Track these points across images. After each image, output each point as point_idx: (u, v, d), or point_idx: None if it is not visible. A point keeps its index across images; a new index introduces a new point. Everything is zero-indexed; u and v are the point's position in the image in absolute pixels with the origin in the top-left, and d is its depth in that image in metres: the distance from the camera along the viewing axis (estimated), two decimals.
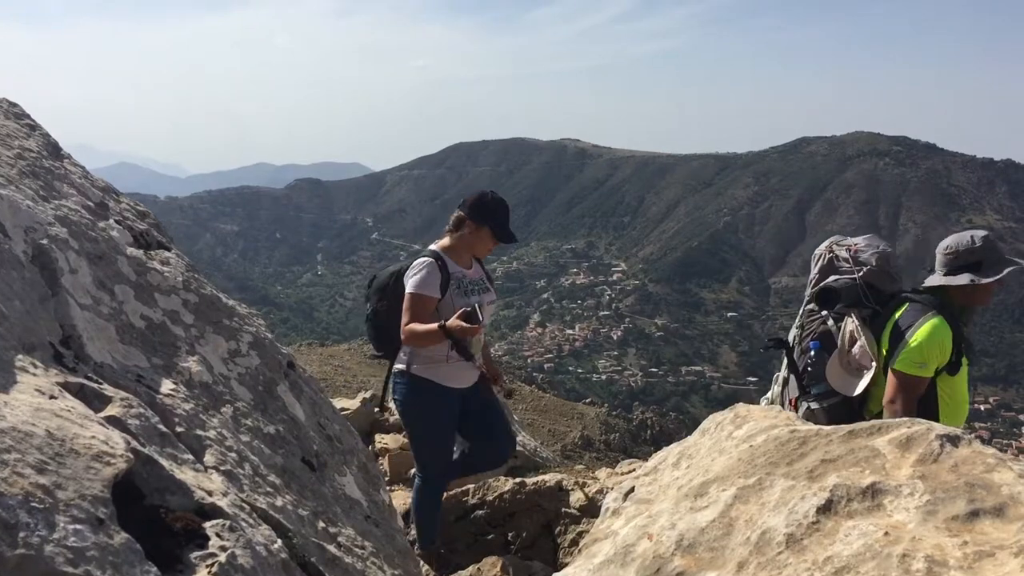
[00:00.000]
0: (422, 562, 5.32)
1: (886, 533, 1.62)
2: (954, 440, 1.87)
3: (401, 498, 7.34)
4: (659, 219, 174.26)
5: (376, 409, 9.45)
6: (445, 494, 7.14)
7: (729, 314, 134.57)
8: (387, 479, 7.73)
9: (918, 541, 1.57)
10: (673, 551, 1.90)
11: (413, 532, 5.23)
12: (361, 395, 10.17)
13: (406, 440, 8.78)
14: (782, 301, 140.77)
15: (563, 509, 6.78)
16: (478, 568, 6.39)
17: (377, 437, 8.76)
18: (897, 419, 2.03)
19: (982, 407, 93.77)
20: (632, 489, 2.59)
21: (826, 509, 1.75)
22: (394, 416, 9.79)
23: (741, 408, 2.67)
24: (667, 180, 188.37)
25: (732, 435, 2.48)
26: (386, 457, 8.03)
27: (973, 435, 1.94)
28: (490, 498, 6.90)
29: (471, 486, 7.04)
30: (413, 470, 6.92)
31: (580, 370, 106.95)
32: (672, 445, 2.75)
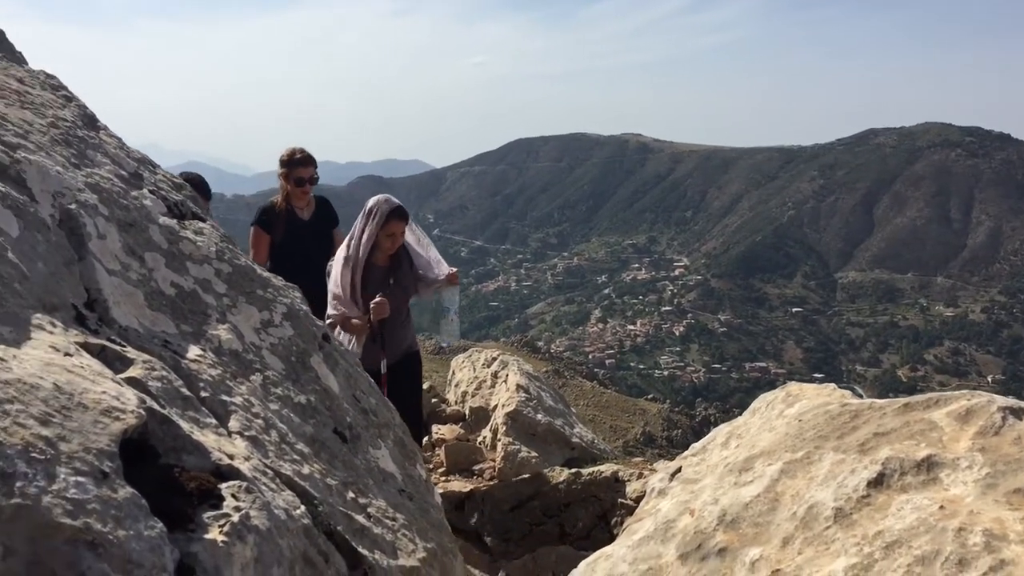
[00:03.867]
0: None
1: (941, 507, 1.51)
2: (1018, 412, 1.75)
3: (457, 487, 7.32)
4: (722, 213, 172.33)
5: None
6: (496, 480, 7.13)
7: (794, 309, 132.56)
8: (443, 469, 7.72)
9: (976, 515, 1.46)
10: (715, 527, 1.82)
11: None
12: None
13: (462, 431, 8.78)
14: (849, 296, 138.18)
15: (619, 500, 6.69)
16: (532, 557, 6.35)
17: (434, 428, 8.76)
18: (957, 392, 1.92)
19: None
20: (679, 469, 2.51)
21: (877, 483, 1.65)
22: (451, 407, 9.79)
23: (793, 387, 2.57)
24: (730, 174, 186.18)
25: (783, 414, 2.39)
26: (442, 448, 8.02)
27: None
28: (545, 488, 6.85)
29: (527, 476, 7.00)
30: (480, 465, 6.97)
31: (642, 366, 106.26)
32: (721, 425, 2.66)
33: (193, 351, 1.72)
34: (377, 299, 5.35)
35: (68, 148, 1.95)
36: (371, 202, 5.57)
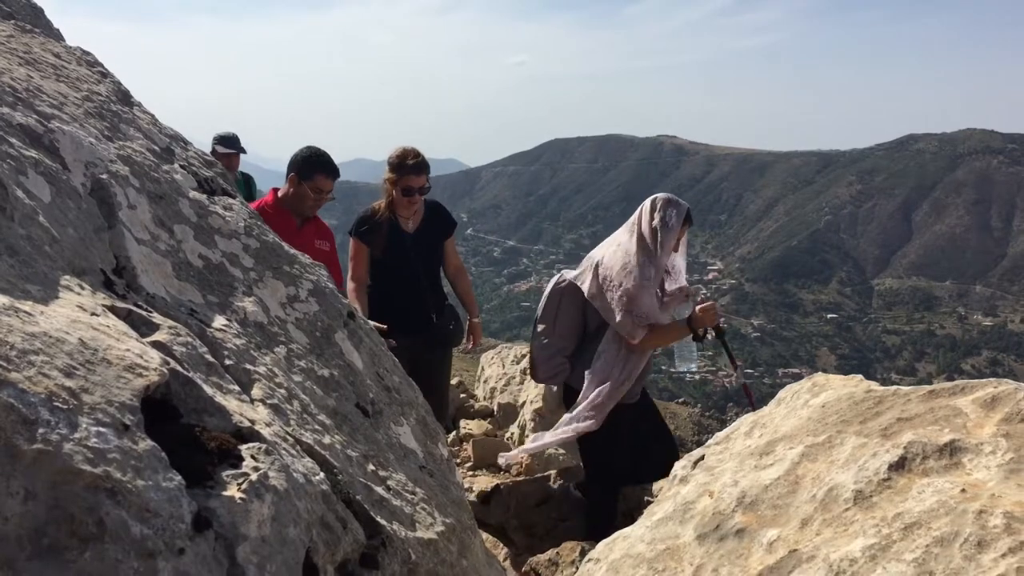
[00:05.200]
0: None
1: (963, 490, 1.50)
2: None
3: (483, 483, 7.33)
4: (757, 217, 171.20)
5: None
6: (524, 476, 7.11)
7: (829, 315, 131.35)
8: (470, 464, 7.75)
9: (998, 498, 1.45)
10: (734, 508, 1.81)
11: None
12: None
13: (490, 427, 8.80)
14: (885, 303, 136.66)
15: (645, 497, 6.66)
16: (557, 552, 6.34)
17: (462, 423, 8.79)
18: (983, 380, 1.89)
19: None
20: (702, 457, 2.50)
21: (899, 466, 1.64)
22: (480, 403, 9.83)
23: (820, 377, 2.55)
24: (766, 178, 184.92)
25: (808, 403, 2.37)
26: (470, 443, 8.05)
27: None
28: (571, 484, 6.84)
29: (553, 471, 7.00)
30: (502, 459, 6.83)
31: (673, 369, 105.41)
32: (746, 415, 2.65)
33: (219, 321, 1.75)
34: (705, 302, 4.54)
35: (101, 121, 1.98)
36: (660, 201, 4.63)
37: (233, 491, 1.24)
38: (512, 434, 8.58)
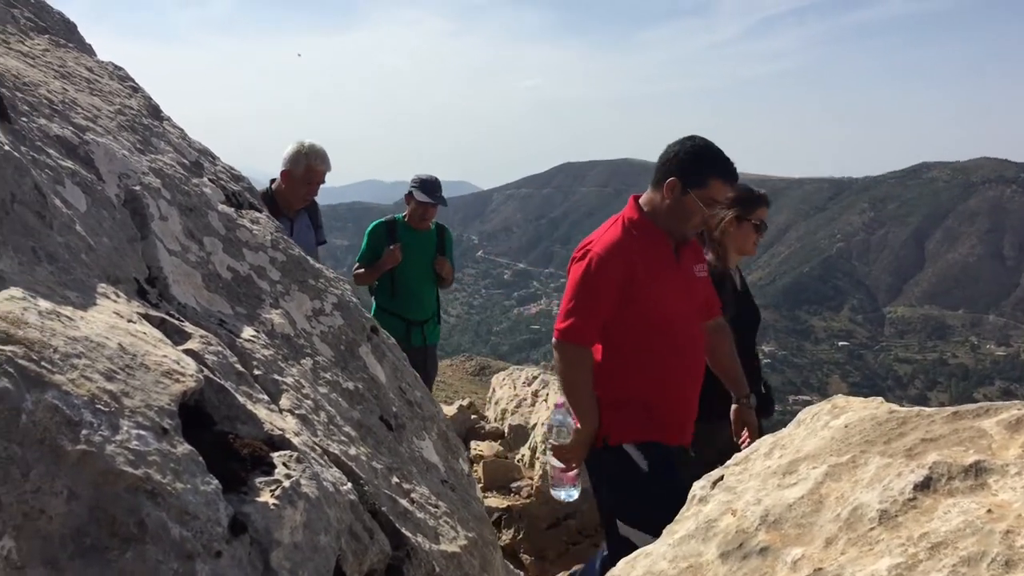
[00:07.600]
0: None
1: (989, 511, 1.50)
2: None
3: (494, 505, 7.32)
4: (769, 243, 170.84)
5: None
6: (534, 498, 7.07)
7: (840, 343, 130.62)
8: (481, 486, 7.73)
9: None
10: (757, 526, 1.81)
11: None
12: (458, 403, 10.21)
13: (501, 448, 8.77)
14: (897, 332, 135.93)
15: None
16: (569, 575, 6.31)
17: (473, 444, 8.77)
18: (1007, 403, 1.89)
19: None
20: (721, 478, 2.50)
21: (924, 486, 1.64)
22: (490, 424, 9.80)
23: (839, 399, 2.54)
24: (778, 204, 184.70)
25: (828, 424, 2.37)
26: (480, 464, 8.03)
27: None
28: (583, 507, 6.81)
29: None
30: (517, 483, 6.64)
31: None
32: (765, 436, 2.64)
33: (247, 332, 1.77)
34: None
35: (134, 134, 2.02)
36: None
37: (267, 497, 1.25)
38: (523, 456, 8.55)
